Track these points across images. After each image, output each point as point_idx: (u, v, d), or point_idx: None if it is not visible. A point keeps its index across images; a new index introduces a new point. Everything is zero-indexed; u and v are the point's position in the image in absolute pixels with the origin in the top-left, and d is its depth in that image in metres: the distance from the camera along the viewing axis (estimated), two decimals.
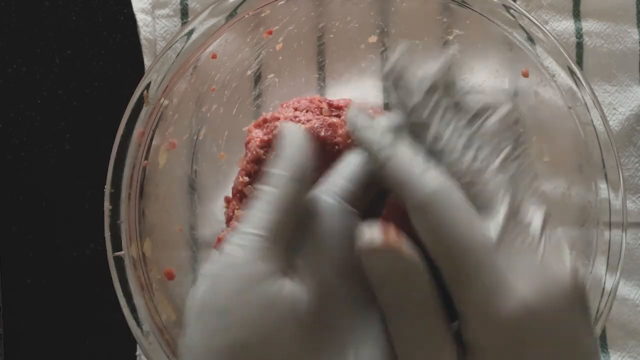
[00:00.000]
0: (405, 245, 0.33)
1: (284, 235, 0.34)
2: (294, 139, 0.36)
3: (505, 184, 0.34)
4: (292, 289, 0.33)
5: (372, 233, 0.33)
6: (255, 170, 0.48)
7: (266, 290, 0.32)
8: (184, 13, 0.52)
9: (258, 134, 0.49)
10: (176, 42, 0.48)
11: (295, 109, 0.48)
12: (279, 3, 0.49)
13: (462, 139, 0.35)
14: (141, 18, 0.52)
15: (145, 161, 0.48)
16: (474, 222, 0.33)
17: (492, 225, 0.33)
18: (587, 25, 0.52)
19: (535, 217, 0.34)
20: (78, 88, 0.54)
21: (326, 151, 0.47)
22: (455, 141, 0.35)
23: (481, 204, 0.34)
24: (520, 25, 0.48)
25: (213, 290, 0.33)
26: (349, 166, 0.38)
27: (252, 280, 0.32)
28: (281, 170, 0.35)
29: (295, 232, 0.35)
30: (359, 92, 0.52)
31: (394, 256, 0.33)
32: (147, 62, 0.52)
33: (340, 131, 0.47)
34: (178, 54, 0.48)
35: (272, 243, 0.33)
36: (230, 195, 0.49)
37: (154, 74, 0.48)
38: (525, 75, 0.50)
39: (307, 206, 0.36)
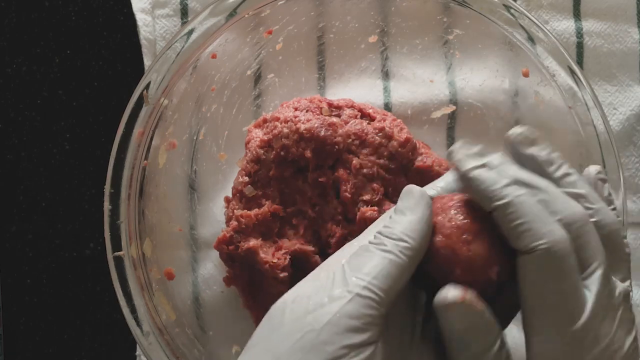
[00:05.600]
0: (480, 303, 0.35)
1: (392, 300, 0.35)
2: (428, 212, 0.37)
3: (602, 249, 0.36)
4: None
5: (449, 290, 0.35)
6: (255, 170, 0.48)
7: (367, 356, 0.34)
8: (184, 13, 0.52)
9: (258, 134, 0.49)
10: (176, 42, 0.48)
11: (295, 109, 0.48)
12: (279, 3, 0.49)
13: (557, 191, 0.37)
14: (141, 18, 0.52)
15: (145, 161, 0.48)
16: (578, 284, 0.35)
17: (589, 295, 0.35)
18: (588, 25, 0.52)
19: (622, 294, 0.36)
20: (78, 88, 0.54)
21: (326, 151, 0.47)
22: (554, 191, 0.37)
23: (579, 259, 0.36)
24: (520, 24, 0.48)
25: (325, 330, 0.34)
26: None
27: (363, 342, 0.34)
28: (417, 244, 0.36)
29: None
30: (359, 92, 0.52)
31: (469, 312, 0.34)
32: (147, 62, 0.52)
33: (340, 131, 0.47)
34: (178, 54, 0.48)
35: (385, 307, 0.35)
36: (230, 195, 0.49)
37: (153, 73, 0.48)
38: (526, 74, 0.50)
39: None
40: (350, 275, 0.35)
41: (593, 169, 0.40)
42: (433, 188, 0.40)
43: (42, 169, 0.54)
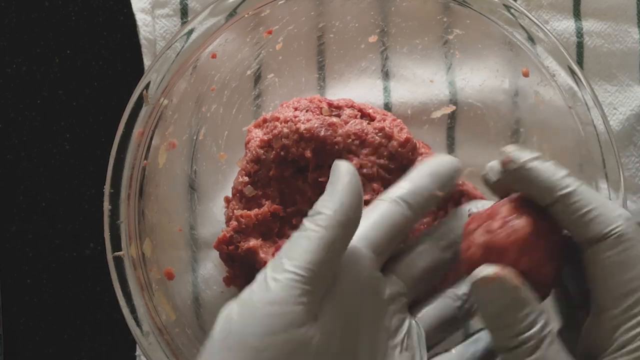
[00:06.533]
0: (517, 279, 0.33)
1: (324, 276, 0.34)
2: (348, 181, 0.36)
3: None
4: (319, 339, 0.34)
5: (484, 268, 0.34)
6: (255, 170, 0.48)
7: (299, 338, 0.33)
8: (184, 13, 0.52)
9: (258, 134, 0.49)
10: (176, 41, 0.48)
11: (295, 109, 0.48)
12: (279, 3, 0.49)
13: None
14: (141, 18, 0.52)
15: (145, 161, 0.48)
16: None
17: None
18: (588, 24, 0.52)
19: None
20: (78, 88, 0.54)
21: (326, 151, 0.47)
22: None
23: None
24: (520, 24, 0.48)
25: (247, 323, 0.33)
26: (384, 219, 0.38)
27: (287, 324, 0.33)
28: (332, 211, 0.35)
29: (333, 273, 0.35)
30: (359, 92, 0.52)
31: (506, 289, 0.33)
32: (147, 62, 0.52)
33: (340, 131, 0.47)
34: (178, 54, 0.48)
35: (311, 285, 0.34)
36: (230, 195, 0.49)
37: (153, 73, 0.48)
38: (526, 74, 0.50)
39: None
40: (269, 265, 0.34)
41: None
42: (399, 188, 0.39)
43: (42, 169, 0.54)
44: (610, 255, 0.34)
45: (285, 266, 0.34)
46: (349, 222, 0.35)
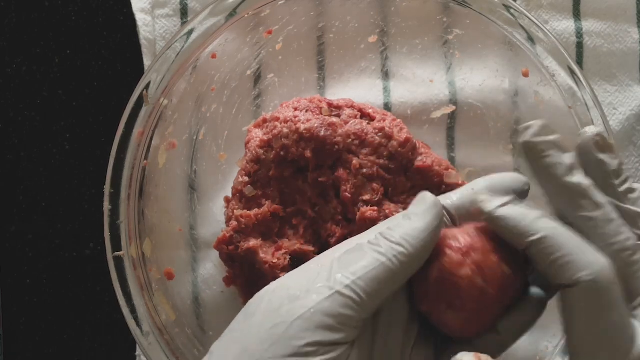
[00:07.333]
0: None
1: (377, 306, 0.34)
2: (436, 224, 0.35)
3: None
4: None
5: (463, 357, 0.33)
6: (255, 170, 0.48)
7: (338, 356, 0.33)
8: (184, 13, 0.52)
9: (258, 134, 0.49)
10: (176, 42, 0.48)
11: (295, 109, 0.48)
12: (279, 3, 0.49)
13: (613, 212, 0.35)
14: (141, 18, 0.52)
15: (145, 161, 0.48)
16: (626, 314, 0.33)
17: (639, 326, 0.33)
18: (587, 25, 0.52)
19: None
20: (78, 88, 0.54)
21: (326, 151, 0.47)
22: (610, 213, 0.34)
23: (627, 288, 0.34)
24: (520, 24, 0.48)
25: (298, 325, 0.32)
26: None
27: (334, 341, 0.33)
28: (414, 250, 0.34)
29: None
30: (359, 92, 0.52)
31: None
32: (147, 62, 0.52)
33: (340, 131, 0.47)
34: (178, 54, 0.48)
35: (366, 312, 0.34)
36: (230, 195, 0.49)
37: (153, 73, 0.48)
38: (526, 74, 0.50)
39: None
40: (336, 272, 0.34)
41: None
42: (447, 198, 0.38)
43: (42, 169, 0.54)
44: (581, 303, 0.33)
45: (353, 285, 0.33)
46: (422, 262, 0.35)
